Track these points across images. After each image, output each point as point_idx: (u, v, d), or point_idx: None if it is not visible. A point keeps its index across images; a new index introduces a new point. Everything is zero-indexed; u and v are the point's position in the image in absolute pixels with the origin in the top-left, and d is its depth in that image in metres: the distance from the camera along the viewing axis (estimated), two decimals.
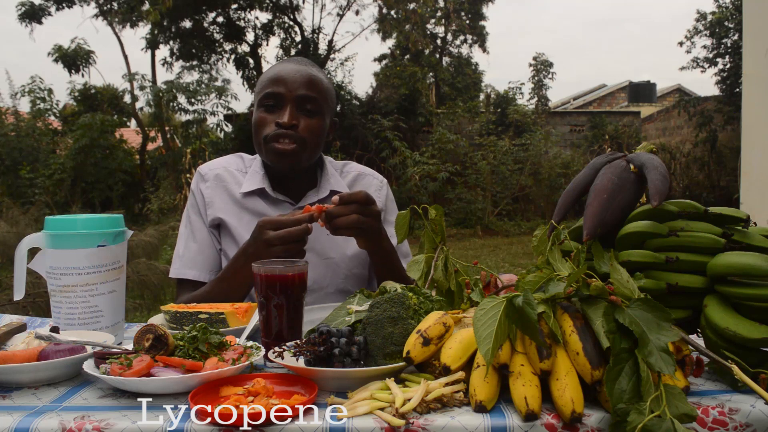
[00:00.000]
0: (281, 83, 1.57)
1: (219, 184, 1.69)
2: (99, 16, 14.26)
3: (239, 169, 1.72)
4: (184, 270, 1.64)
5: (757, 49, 3.68)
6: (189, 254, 1.65)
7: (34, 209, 9.42)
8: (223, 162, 1.75)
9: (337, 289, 1.66)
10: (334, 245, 1.66)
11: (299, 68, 1.61)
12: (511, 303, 0.91)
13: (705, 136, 12.89)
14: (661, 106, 17.71)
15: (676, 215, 1.10)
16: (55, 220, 1.25)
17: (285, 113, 1.56)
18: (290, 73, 1.58)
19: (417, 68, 14.62)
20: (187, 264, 1.64)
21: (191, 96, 13.41)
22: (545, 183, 12.38)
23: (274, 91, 1.57)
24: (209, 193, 1.68)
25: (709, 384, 1.01)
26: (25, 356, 1.05)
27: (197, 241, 1.66)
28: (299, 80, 1.58)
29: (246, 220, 1.64)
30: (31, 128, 12.66)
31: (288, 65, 1.62)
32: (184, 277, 1.64)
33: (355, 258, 1.68)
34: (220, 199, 1.67)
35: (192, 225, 1.68)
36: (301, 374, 1.00)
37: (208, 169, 1.72)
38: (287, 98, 1.57)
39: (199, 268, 1.64)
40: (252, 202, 1.65)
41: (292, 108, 1.56)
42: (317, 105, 1.59)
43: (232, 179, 1.69)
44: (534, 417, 0.86)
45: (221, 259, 1.67)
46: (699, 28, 12.83)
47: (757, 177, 3.82)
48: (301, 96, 1.57)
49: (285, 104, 1.57)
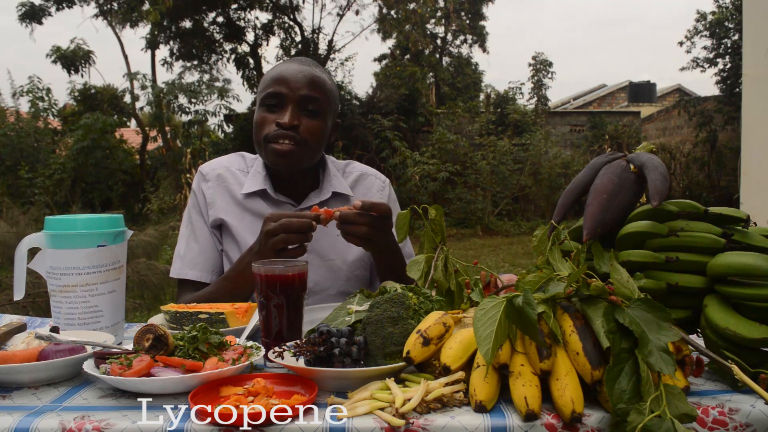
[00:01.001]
0: (283, 83, 1.57)
1: (221, 184, 1.68)
2: (99, 16, 14.26)
3: (241, 169, 1.71)
4: (186, 270, 1.63)
5: (757, 49, 3.68)
6: (190, 254, 1.65)
7: (34, 209, 9.42)
8: (225, 161, 1.74)
9: (338, 291, 1.66)
10: (335, 248, 1.65)
11: (302, 68, 1.60)
12: (511, 303, 0.91)
13: (705, 136, 12.89)
14: (661, 106, 17.72)
15: (676, 215, 1.10)
16: (55, 220, 1.25)
17: (286, 113, 1.55)
18: (293, 73, 1.57)
19: (417, 68, 14.62)
20: (188, 264, 1.64)
21: (192, 96, 13.41)
22: (545, 183, 12.38)
23: (276, 90, 1.56)
24: (210, 193, 1.67)
25: (709, 384, 1.01)
26: (25, 356, 1.05)
27: (199, 241, 1.65)
28: (302, 80, 1.57)
29: (247, 221, 1.63)
30: (31, 128, 12.65)
31: (291, 65, 1.61)
32: (186, 277, 1.64)
33: (357, 261, 1.68)
34: (222, 199, 1.66)
35: (193, 225, 1.68)
36: (301, 374, 1.00)
37: (209, 169, 1.71)
38: (289, 98, 1.56)
39: (200, 268, 1.63)
40: (253, 203, 1.65)
41: (294, 108, 1.56)
42: (319, 106, 1.58)
43: (233, 179, 1.69)
44: (534, 417, 0.86)
45: (222, 260, 1.66)
46: (699, 28, 12.83)
47: (757, 177, 3.82)
48: (303, 96, 1.56)
49: (287, 104, 1.56)
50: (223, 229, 1.66)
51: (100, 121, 12.47)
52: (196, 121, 13.89)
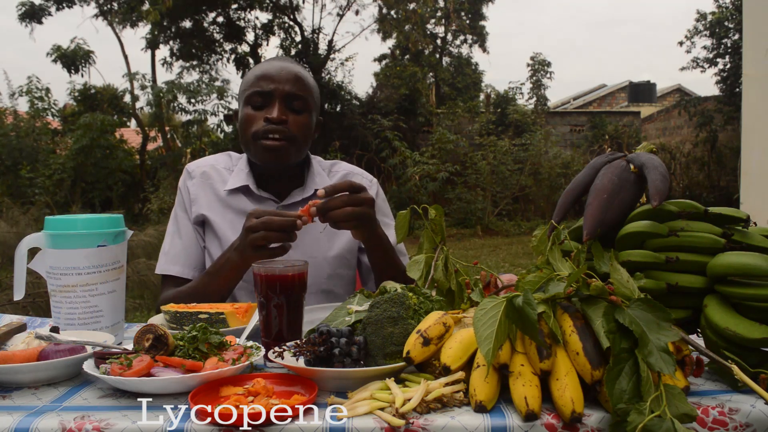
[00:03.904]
0: (269, 80, 1.57)
1: (205, 181, 1.69)
2: (99, 16, 14.26)
3: (226, 167, 1.72)
4: (168, 266, 1.65)
5: (757, 49, 3.68)
6: (174, 251, 1.66)
7: (34, 209, 9.40)
8: (211, 160, 1.75)
9: (319, 289, 1.65)
10: (317, 245, 1.65)
11: (285, 65, 1.60)
12: (511, 303, 0.91)
13: (705, 136, 12.89)
14: (661, 106, 17.71)
15: (676, 215, 1.10)
16: (55, 220, 1.25)
17: (274, 109, 1.55)
18: (277, 71, 1.58)
19: (417, 68, 14.62)
20: (171, 260, 1.65)
21: (192, 96, 13.41)
22: (545, 183, 12.38)
23: (261, 88, 1.57)
24: (194, 190, 1.68)
25: (709, 384, 1.01)
26: (25, 356, 1.05)
27: (182, 238, 1.67)
28: (286, 77, 1.57)
29: (230, 218, 1.64)
30: (30, 128, 12.65)
31: (273, 63, 1.62)
32: (168, 273, 1.64)
33: (339, 258, 1.68)
34: (205, 196, 1.67)
35: (178, 222, 1.69)
36: (301, 374, 1.00)
37: (195, 167, 1.73)
38: (275, 95, 1.56)
39: (182, 264, 1.64)
40: (236, 200, 1.66)
41: (281, 104, 1.56)
42: (304, 102, 1.59)
43: (218, 177, 1.70)
44: (534, 417, 0.86)
45: (205, 257, 1.67)
46: (699, 28, 12.83)
47: (757, 177, 3.82)
48: (288, 93, 1.57)
49: (273, 101, 1.57)
50: (205, 226, 1.67)
51: (100, 121, 12.46)
52: (196, 121, 13.89)
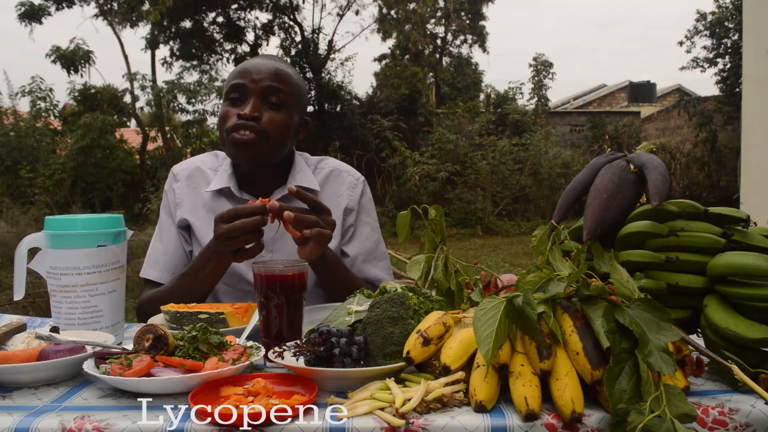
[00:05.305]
0: (246, 75, 1.54)
1: (190, 184, 1.68)
2: (99, 16, 14.26)
3: (212, 168, 1.70)
4: (148, 270, 1.64)
5: (757, 49, 3.69)
6: (154, 255, 1.65)
7: (34, 209, 9.40)
8: (198, 161, 1.73)
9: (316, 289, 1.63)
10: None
11: (265, 62, 1.58)
12: (511, 303, 0.91)
13: (705, 136, 12.89)
14: (661, 106, 17.71)
15: (676, 215, 1.10)
16: (55, 220, 1.25)
17: (248, 105, 1.51)
18: (256, 66, 1.56)
19: (417, 68, 14.62)
20: (151, 264, 1.64)
21: (191, 96, 13.41)
22: (545, 183, 12.38)
23: (238, 83, 1.54)
24: (180, 193, 1.67)
25: (709, 384, 1.01)
26: (25, 356, 1.05)
27: (162, 242, 1.65)
28: (264, 72, 1.54)
29: (210, 221, 1.60)
30: (31, 128, 12.65)
31: (255, 59, 1.60)
32: (147, 277, 1.64)
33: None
34: (189, 199, 1.66)
35: (161, 225, 1.68)
36: (301, 374, 1.00)
37: (180, 169, 1.71)
38: (251, 90, 1.53)
39: (160, 269, 1.63)
40: (218, 204, 1.62)
41: (255, 100, 1.52)
42: (283, 98, 1.54)
43: (202, 179, 1.67)
44: (534, 417, 0.86)
45: (188, 261, 1.64)
46: (699, 28, 12.83)
47: (757, 177, 3.82)
48: (265, 87, 1.53)
49: (249, 96, 1.53)
50: (190, 230, 1.65)
51: (100, 121, 12.46)
52: (196, 121, 13.89)
